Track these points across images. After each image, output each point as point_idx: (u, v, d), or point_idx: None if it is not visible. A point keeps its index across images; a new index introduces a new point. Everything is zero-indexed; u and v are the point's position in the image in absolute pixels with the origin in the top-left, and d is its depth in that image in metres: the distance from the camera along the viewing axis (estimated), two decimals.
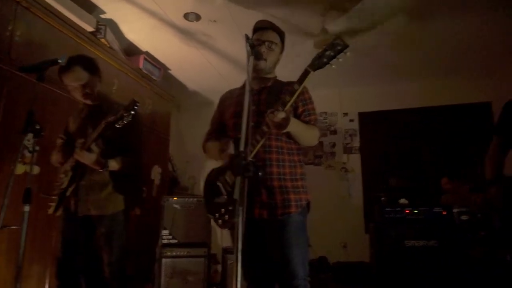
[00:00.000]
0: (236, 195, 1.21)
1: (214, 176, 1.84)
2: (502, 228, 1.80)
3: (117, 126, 1.85)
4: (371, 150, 5.05)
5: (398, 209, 2.69)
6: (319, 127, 1.86)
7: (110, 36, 3.43)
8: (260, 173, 1.64)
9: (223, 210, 1.72)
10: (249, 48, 1.57)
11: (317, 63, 1.50)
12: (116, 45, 3.59)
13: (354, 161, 5.08)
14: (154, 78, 4.17)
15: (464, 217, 3.32)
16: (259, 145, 1.63)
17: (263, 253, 1.73)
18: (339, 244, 4.76)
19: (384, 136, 5.05)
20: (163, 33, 3.67)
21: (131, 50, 3.99)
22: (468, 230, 3.05)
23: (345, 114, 5.21)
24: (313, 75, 1.56)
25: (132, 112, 1.83)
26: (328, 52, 1.49)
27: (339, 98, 5.23)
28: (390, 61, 4.35)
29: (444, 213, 2.66)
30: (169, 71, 4.61)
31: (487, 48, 3.93)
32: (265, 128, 1.61)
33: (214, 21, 3.39)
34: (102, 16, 3.38)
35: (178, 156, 5.21)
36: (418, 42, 3.87)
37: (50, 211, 2.08)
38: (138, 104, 1.85)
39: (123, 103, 1.96)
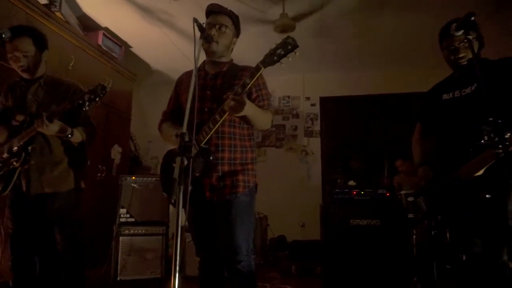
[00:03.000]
0: (176, 174, 1.27)
1: (170, 157, 1.87)
2: (428, 212, 1.96)
3: (85, 109, 1.90)
4: (330, 134, 5.24)
5: (346, 190, 2.85)
6: (271, 111, 1.91)
7: (65, 9, 3.31)
8: (211, 158, 1.72)
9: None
10: (198, 31, 1.60)
11: (268, 61, 1.55)
12: (72, 20, 3.47)
13: (314, 144, 5.26)
14: (114, 55, 4.07)
15: (410, 199, 3.55)
16: (211, 133, 1.69)
17: (213, 232, 1.81)
18: (297, 223, 4.98)
19: (344, 120, 5.24)
20: (122, 9, 3.58)
21: (90, 26, 3.87)
22: (412, 211, 3.27)
23: (307, 98, 5.34)
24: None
25: (102, 95, 1.87)
26: (279, 50, 1.53)
27: (302, 82, 5.36)
28: (352, 49, 4.49)
29: (388, 194, 2.84)
30: (131, 49, 4.52)
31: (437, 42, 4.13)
32: (217, 117, 1.66)
33: (175, 0, 3.34)
34: None
35: (141, 135, 5.16)
36: (377, 32, 4.02)
37: None
38: (107, 89, 1.89)
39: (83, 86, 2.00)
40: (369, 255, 2.71)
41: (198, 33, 1.62)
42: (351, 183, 3.01)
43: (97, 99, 1.88)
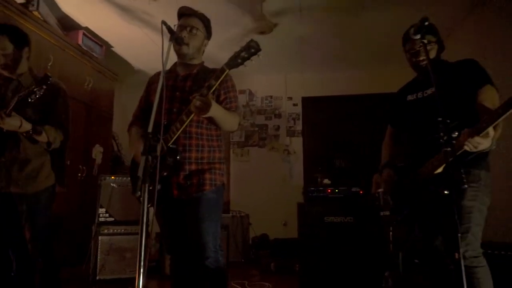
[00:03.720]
0: (140, 172, 1.31)
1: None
2: (394, 208, 2.05)
3: (30, 100, 1.86)
4: (312, 134, 5.32)
5: (320, 188, 2.93)
6: (239, 113, 1.95)
7: (44, 8, 3.30)
8: (178, 157, 1.76)
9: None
10: (168, 33, 1.64)
11: (232, 63, 1.60)
12: (51, 19, 3.45)
13: (296, 144, 5.33)
14: (95, 55, 4.06)
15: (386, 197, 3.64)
16: (178, 133, 1.73)
17: (183, 230, 1.84)
18: (280, 222, 5.03)
19: (326, 120, 5.33)
20: (102, 9, 3.58)
21: (69, 25, 3.86)
22: (386, 208, 3.36)
23: (290, 98, 5.41)
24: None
25: (44, 87, 1.85)
26: (243, 53, 1.58)
27: (284, 83, 5.42)
28: (332, 49, 4.56)
29: (361, 192, 2.92)
30: (112, 48, 4.51)
31: None
32: (184, 118, 1.70)
33: (154, 0, 3.37)
34: None
35: (124, 135, 5.12)
36: (358, 31, 4.08)
37: None
38: (50, 79, 1.87)
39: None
40: (343, 251, 2.79)
41: (169, 36, 1.67)
42: (326, 181, 3.08)
43: (36, 89, 1.86)
